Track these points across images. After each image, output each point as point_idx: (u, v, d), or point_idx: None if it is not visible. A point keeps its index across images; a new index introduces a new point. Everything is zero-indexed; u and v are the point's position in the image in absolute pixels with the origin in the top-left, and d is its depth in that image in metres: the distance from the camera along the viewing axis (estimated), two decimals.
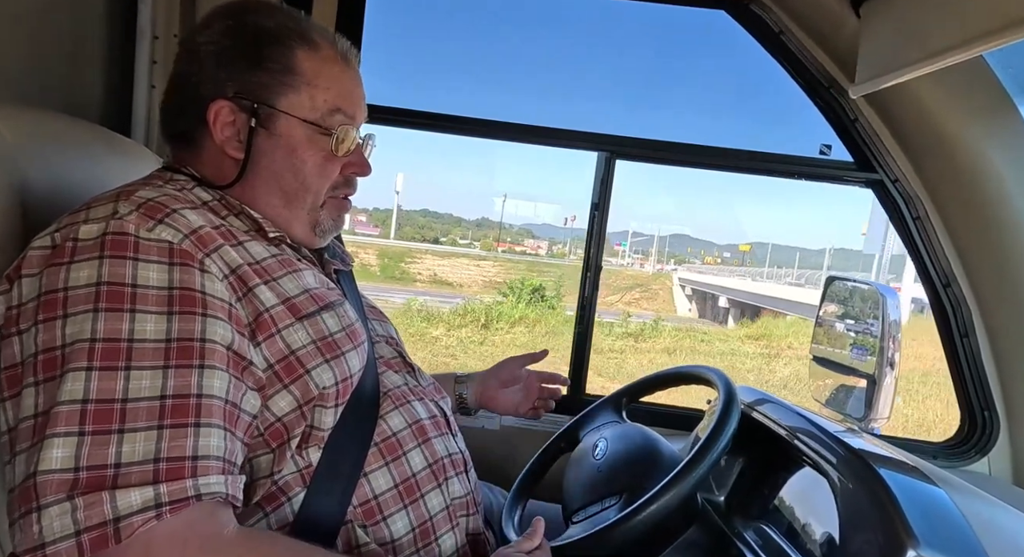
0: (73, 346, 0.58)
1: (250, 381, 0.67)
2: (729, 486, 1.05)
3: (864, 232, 33.48)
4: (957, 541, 0.71)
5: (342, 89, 0.79)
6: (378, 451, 0.77)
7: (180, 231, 0.66)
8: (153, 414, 0.58)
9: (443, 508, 0.81)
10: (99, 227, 0.63)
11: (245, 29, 0.75)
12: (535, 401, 1.18)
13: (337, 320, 0.75)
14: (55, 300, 0.60)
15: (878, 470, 0.79)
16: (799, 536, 0.89)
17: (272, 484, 0.70)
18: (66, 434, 0.55)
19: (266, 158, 0.76)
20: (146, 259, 0.63)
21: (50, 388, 0.58)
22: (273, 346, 0.69)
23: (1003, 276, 1.34)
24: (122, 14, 1.27)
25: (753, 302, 20.80)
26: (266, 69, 0.75)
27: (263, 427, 0.69)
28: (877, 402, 1.19)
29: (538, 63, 62.23)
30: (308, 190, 0.79)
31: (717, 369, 1.00)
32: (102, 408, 0.57)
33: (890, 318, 1.19)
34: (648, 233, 41.89)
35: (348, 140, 0.79)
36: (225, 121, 0.75)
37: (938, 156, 1.32)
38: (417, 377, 0.91)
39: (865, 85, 1.24)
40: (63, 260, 0.62)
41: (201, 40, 0.76)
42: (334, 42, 0.79)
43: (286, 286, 0.73)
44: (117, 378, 0.58)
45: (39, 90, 1.10)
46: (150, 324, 0.61)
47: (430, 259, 26.88)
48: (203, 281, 0.65)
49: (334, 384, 0.72)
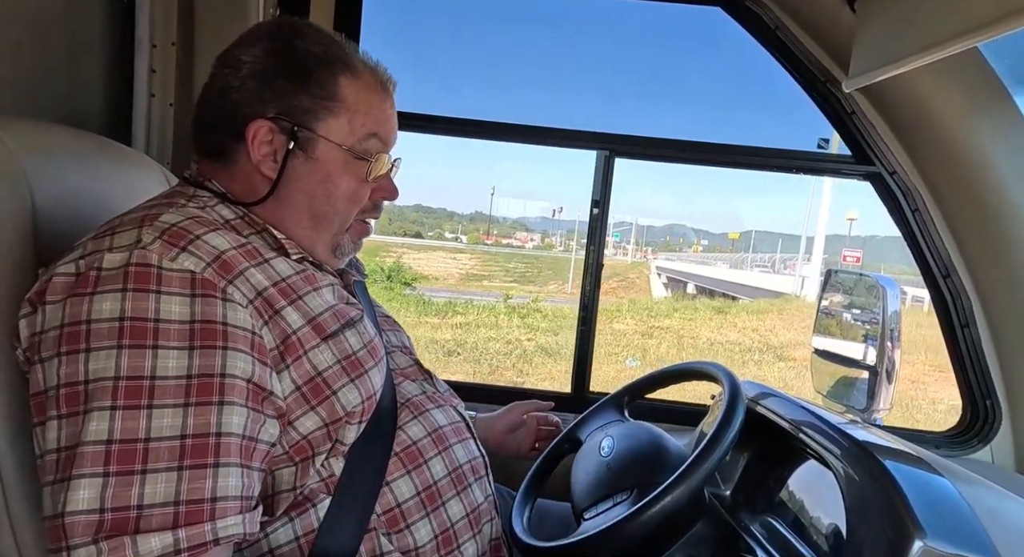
0: (97, 383, 0.59)
1: (270, 410, 0.67)
2: (735, 480, 1.05)
3: (849, 218, 33.72)
4: (963, 530, 0.72)
5: (380, 116, 0.79)
6: (399, 460, 0.78)
7: (203, 259, 0.66)
8: (174, 454, 0.59)
9: (464, 515, 0.82)
10: (122, 257, 0.63)
11: (293, 52, 0.75)
12: (535, 440, 1.19)
13: (359, 337, 0.76)
14: (77, 332, 0.60)
15: (883, 461, 0.79)
16: (805, 528, 0.89)
17: (296, 495, 0.71)
18: (92, 475, 0.57)
19: (300, 180, 0.77)
20: (168, 292, 0.63)
21: (73, 423, 0.59)
22: (300, 367, 0.69)
23: (1003, 266, 1.34)
24: (120, 24, 1.27)
25: (715, 288, 21.45)
26: (310, 93, 0.75)
27: (288, 445, 0.70)
28: (879, 393, 1.20)
29: (536, 63, 62.28)
30: (338, 214, 0.79)
31: (721, 365, 1.01)
32: (126, 448, 0.58)
33: (890, 309, 1.20)
34: (629, 222, 42.00)
35: (381, 165, 0.80)
36: (263, 140, 0.75)
37: (935, 148, 1.33)
38: (434, 383, 0.92)
39: (858, 79, 1.25)
40: (86, 290, 0.62)
41: (245, 58, 0.75)
42: (375, 69, 0.80)
43: (311, 304, 0.73)
44: (140, 417, 0.59)
45: (38, 102, 1.10)
46: (172, 360, 0.61)
47: (405, 253, 26.90)
48: (225, 311, 0.65)
49: (360, 403, 0.73)
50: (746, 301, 17.35)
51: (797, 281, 19.96)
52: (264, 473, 0.68)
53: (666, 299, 19.38)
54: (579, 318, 1.57)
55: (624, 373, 9.04)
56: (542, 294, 19.08)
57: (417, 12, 52.43)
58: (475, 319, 12.49)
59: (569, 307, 15.06)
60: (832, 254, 30.52)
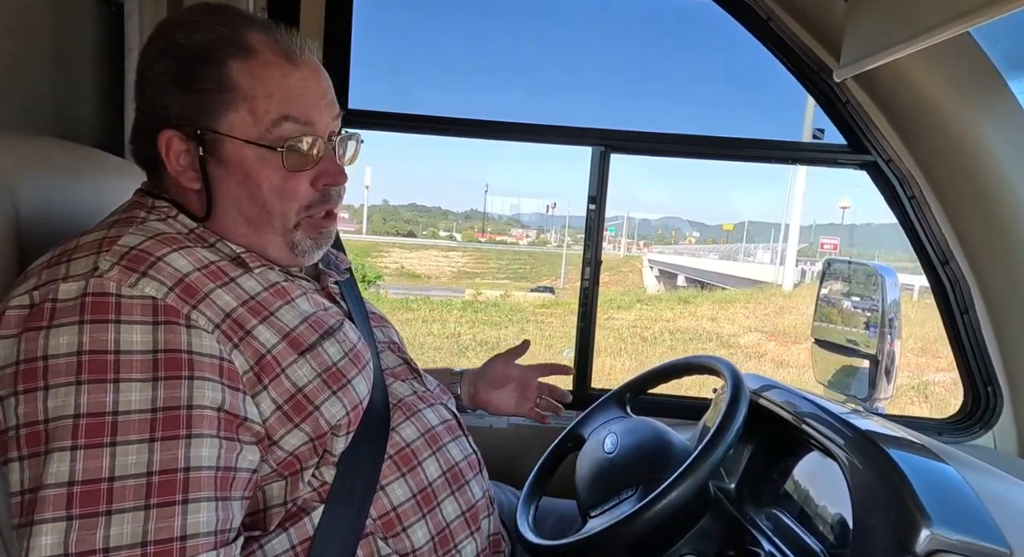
0: (57, 422, 0.57)
1: (246, 436, 0.65)
2: (739, 473, 1.05)
3: (842, 206, 33.87)
4: (970, 517, 0.72)
5: (288, 93, 0.69)
6: (393, 463, 0.77)
7: (164, 284, 0.63)
8: (140, 493, 0.57)
9: (460, 514, 0.81)
10: (79, 286, 0.60)
11: (174, 49, 0.68)
12: (536, 400, 1.15)
13: (338, 346, 0.73)
14: (34, 369, 0.58)
15: (888, 451, 0.79)
16: (811, 520, 0.89)
17: (288, 508, 0.70)
18: (54, 520, 0.55)
19: (222, 186, 0.71)
20: (129, 321, 0.60)
21: (34, 464, 0.57)
22: (279, 386, 0.67)
23: (1001, 250, 1.34)
24: (108, 31, 1.26)
25: (703, 279, 21.77)
26: (200, 91, 0.68)
27: (275, 463, 0.68)
28: (880, 382, 1.20)
29: (528, 59, 62.22)
30: (272, 214, 0.72)
31: (723, 358, 1.01)
32: (89, 489, 0.56)
33: (890, 298, 1.20)
34: (621, 216, 42.12)
35: (311, 149, 0.71)
36: (178, 150, 0.70)
37: (930, 134, 1.33)
38: (424, 381, 0.91)
39: (850, 67, 1.24)
40: (41, 324, 0.59)
41: (141, 66, 0.71)
42: (276, 40, 0.70)
43: (284, 318, 0.70)
44: (103, 455, 0.56)
45: (27, 114, 1.08)
46: (135, 394, 0.58)
47: (397, 252, 26.90)
48: (189, 339, 0.62)
49: (344, 415, 0.71)
50: (723, 291, 17.58)
51: (778, 270, 20.13)
52: (248, 500, 0.66)
53: (639, 290, 19.59)
54: (578, 314, 1.57)
55: (557, 359, 9.48)
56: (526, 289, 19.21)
57: (408, 12, 52.27)
58: (424, 315, 12.51)
59: (539, 299, 15.23)
60: (813, 243, 30.80)
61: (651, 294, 18.99)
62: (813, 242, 31.96)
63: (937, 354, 8.64)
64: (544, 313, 13.89)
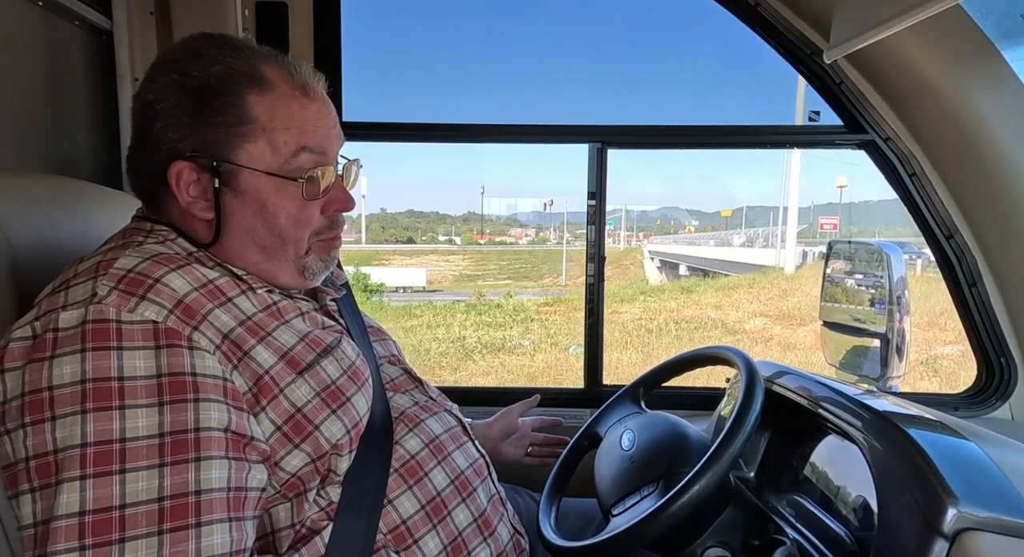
0: (65, 452, 0.57)
1: (253, 456, 0.65)
2: (757, 462, 1.05)
3: (840, 185, 33.82)
4: (995, 493, 0.71)
5: (304, 126, 0.71)
6: (399, 476, 0.77)
7: (164, 306, 0.63)
8: (152, 519, 0.57)
9: (472, 521, 0.81)
10: (78, 314, 0.60)
11: (189, 81, 0.69)
12: (528, 448, 1.19)
13: (336, 364, 0.73)
14: (40, 401, 0.58)
15: (907, 430, 0.79)
16: (833, 504, 0.89)
17: (297, 530, 0.70)
18: (67, 551, 0.55)
19: (236, 216, 0.72)
20: (131, 346, 0.60)
21: (46, 496, 0.57)
22: (278, 407, 0.67)
23: (1004, 220, 1.34)
24: (100, 63, 1.26)
25: (705, 267, 21.65)
26: (218, 122, 0.69)
27: (278, 484, 0.68)
28: (892, 360, 1.19)
29: (518, 59, 62.18)
30: (287, 242, 0.74)
31: (736, 348, 1.00)
32: (100, 518, 0.56)
33: (896, 275, 1.19)
34: (619, 209, 42.11)
35: (324, 179, 0.74)
36: (188, 181, 0.70)
37: (927, 110, 1.32)
38: (426, 390, 0.90)
39: (840, 47, 1.24)
40: (44, 355, 0.59)
41: (150, 97, 0.70)
42: (291, 74, 0.72)
43: (282, 338, 0.70)
44: (113, 483, 0.56)
45: (22, 151, 1.08)
46: (141, 420, 0.58)
47: (398, 259, 26.90)
48: (193, 360, 0.62)
49: (345, 434, 0.71)
50: (725, 277, 17.56)
51: (779, 253, 20.11)
52: (259, 519, 0.66)
53: (641, 282, 19.58)
54: (585, 311, 1.57)
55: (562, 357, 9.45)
56: (535, 289, 19.25)
57: (396, 17, 52.16)
58: (429, 320, 12.55)
59: (543, 299, 15.28)
60: (812, 224, 30.70)
61: (654, 285, 18.98)
62: (812, 223, 31.92)
63: (944, 327, 8.61)
64: (548, 312, 13.92)
